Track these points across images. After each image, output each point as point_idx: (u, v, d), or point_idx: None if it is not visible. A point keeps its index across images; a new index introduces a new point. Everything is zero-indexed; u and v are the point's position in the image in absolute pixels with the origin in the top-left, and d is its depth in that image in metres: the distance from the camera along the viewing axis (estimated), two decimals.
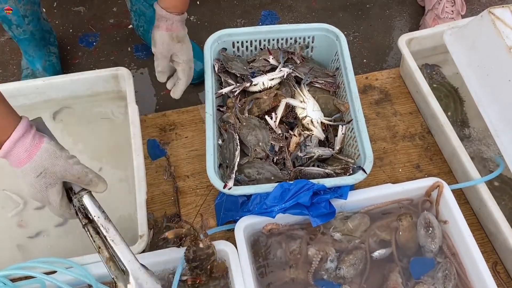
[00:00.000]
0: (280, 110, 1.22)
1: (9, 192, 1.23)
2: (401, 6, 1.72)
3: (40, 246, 1.16)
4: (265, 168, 1.16)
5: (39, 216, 1.20)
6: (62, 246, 1.16)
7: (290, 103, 1.23)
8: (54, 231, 1.18)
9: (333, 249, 1.10)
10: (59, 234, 1.18)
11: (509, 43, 1.11)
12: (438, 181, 1.12)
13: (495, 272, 1.18)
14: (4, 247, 1.16)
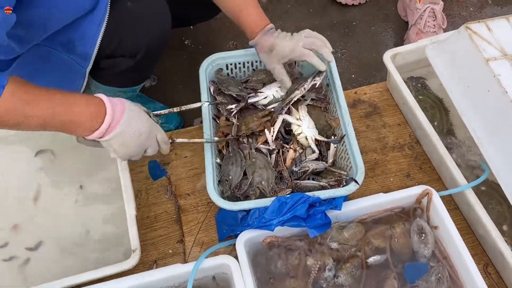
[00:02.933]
0: (277, 125, 1.28)
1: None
2: (385, 22, 1.80)
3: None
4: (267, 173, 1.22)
5: None
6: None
7: (286, 119, 1.29)
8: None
9: (331, 258, 1.15)
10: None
11: (486, 56, 1.18)
12: (427, 189, 1.18)
13: (486, 273, 1.23)
14: None
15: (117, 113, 0.94)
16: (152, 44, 1.17)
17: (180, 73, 1.64)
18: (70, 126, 0.93)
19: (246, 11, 1.22)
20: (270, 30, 1.23)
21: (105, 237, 1.26)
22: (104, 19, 1.06)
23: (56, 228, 1.27)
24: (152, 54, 1.21)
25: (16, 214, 1.29)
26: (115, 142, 0.97)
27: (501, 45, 1.21)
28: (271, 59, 1.22)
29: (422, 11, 1.66)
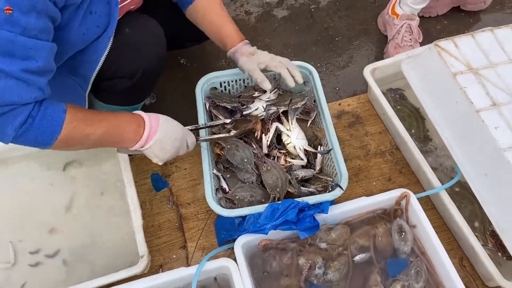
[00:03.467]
0: (271, 132, 1.41)
1: (11, 247, 1.34)
2: (366, 37, 1.93)
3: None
4: (257, 192, 1.34)
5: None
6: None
7: (279, 127, 1.41)
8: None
9: (320, 257, 1.27)
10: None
11: (454, 70, 1.31)
12: (405, 192, 1.31)
13: (461, 266, 1.36)
14: None
15: (154, 124, 1.14)
16: (149, 66, 1.28)
17: (177, 90, 1.75)
18: (119, 140, 1.11)
19: (226, 28, 1.37)
20: (248, 44, 1.38)
21: (113, 245, 1.37)
22: (107, 47, 1.17)
23: (72, 236, 1.38)
24: (150, 75, 1.32)
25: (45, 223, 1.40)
26: (155, 148, 1.16)
27: (467, 60, 1.34)
28: (251, 61, 1.34)
29: (400, 26, 1.79)
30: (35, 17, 0.89)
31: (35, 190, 1.45)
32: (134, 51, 1.24)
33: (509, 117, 1.26)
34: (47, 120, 0.96)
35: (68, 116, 0.99)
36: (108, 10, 1.11)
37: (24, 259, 1.34)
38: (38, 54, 0.92)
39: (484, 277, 1.32)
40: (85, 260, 1.34)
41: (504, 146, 1.21)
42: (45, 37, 0.94)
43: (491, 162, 1.24)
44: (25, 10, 0.86)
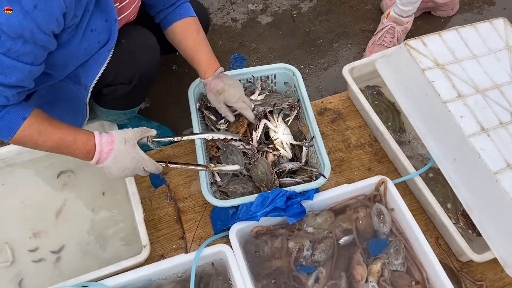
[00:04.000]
0: (261, 127, 1.53)
1: (8, 248, 1.44)
2: (345, 39, 2.07)
3: None
4: (248, 184, 1.46)
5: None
6: None
7: (267, 124, 1.54)
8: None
9: (308, 241, 1.39)
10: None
11: (422, 67, 1.44)
12: (383, 178, 1.44)
13: (437, 244, 1.49)
14: None
15: (104, 153, 1.20)
16: (144, 73, 1.40)
17: (170, 95, 1.87)
18: (72, 156, 1.22)
19: (199, 56, 1.45)
20: (220, 74, 1.47)
21: (117, 239, 1.49)
22: (107, 59, 1.28)
23: (76, 233, 1.49)
24: (146, 80, 1.44)
25: (42, 224, 1.50)
26: (105, 170, 1.24)
27: (435, 56, 1.48)
28: (218, 100, 1.48)
29: (384, 25, 1.93)
30: (21, 43, 1.01)
31: (41, 192, 1.56)
32: (131, 59, 1.35)
33: (473, 107, 1.40)
34: (5, 122, 1.11)
35: (25, 123, 1.13)
36: (108, 27, 1.23)
37: (32, 255, 1.45)
38: (12, 73, 1.05)
39: (457, 252, 1.45)
40: (91, 254, 1.45)
41: (469, 133, 1.35)
42: (26, 60, 1.06)
43: (458, 148, 1.38)
44: (13, 36, 0.99)
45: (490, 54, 1.55)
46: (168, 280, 1.34)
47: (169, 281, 1.34)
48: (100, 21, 1.21)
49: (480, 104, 1.42)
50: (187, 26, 1.45)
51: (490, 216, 1.32)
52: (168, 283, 1.34)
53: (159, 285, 1.34)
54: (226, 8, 2.16)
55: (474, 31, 1.58)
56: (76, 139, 1.18)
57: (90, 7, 1.15)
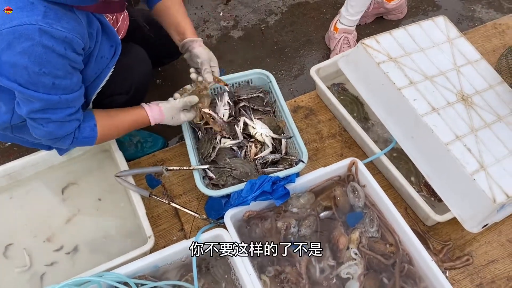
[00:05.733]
0: (241, 124, 1.73)
1: (26, 253, 1.57)
2: (310, 46, 2.30)
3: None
4: (246, 166, 1.64)
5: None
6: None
7: (246, 121, 1.73)
8: None
9: (294, 220, 1.57)
10: None
11: (377, 61, 1.67)
12: (353, 159, 1.64)
13: (407, 213, 1.70)
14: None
15: (156, 115, 1.54)
16: (139, 83, 1.58)
17: None
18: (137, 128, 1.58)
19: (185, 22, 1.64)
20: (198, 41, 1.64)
21: (123, 236, 1.64)
22: (108, 75, 1.45)
23: (84, 235, 1.63)
24: (141, 90, 1.61)
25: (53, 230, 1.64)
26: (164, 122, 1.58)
27: (387, 51, 1.72)
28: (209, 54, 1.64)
29: (338, 39, 2.17)
30: (69, 79, 1.24)
31: (48, 202, 1.71)
32: (128, 73, 1.53)
33: (423, 91, 1.63)
34: (85, 136, 1.40)
35: (98, 128, 1.41)
36: (113, 52, 1.42)
37: (45, 258, 1.58)
38: (74, 103, 1.31)
39: (423, 218, 1.66)
40: (100, 250, 1.59)
41: (422, 113, 1.57)
42: (77, 87, 1.30)
43: (414, 126, 1.60)
44: (62, 75, 1.21)
45: (434, 47, 1.80)
46: (173, 266, 1.49)
47: (174, 266, 1.50)
48: (107, 48, 1.40)
49: (429, 88, 1.65)
50: (171, 4, 1.63)
51: (446, 181, 1.54)
52: (173, 268, 1.50)
53: (165, 271, 1.49)
54: (201, 26, 2.36)
55: (419, 28, 1.83)
56: (137, 118, 1.52)
57: (98, 37, 1.34)
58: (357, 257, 1.49)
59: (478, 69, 1.80)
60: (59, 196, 1.72)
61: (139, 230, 1.60)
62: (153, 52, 1.66)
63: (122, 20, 1.59)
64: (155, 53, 1.68)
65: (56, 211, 1.68)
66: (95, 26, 1.31)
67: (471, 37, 2.21)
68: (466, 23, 2.42)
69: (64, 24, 1.14)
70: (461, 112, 1.63)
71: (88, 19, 1.28)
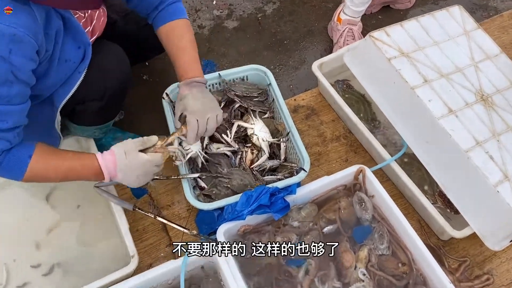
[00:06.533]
0: (233, 129, 1.55)
1: (4, 269, 1.42)
2: (311, 38, 2.12)
3: None
4: (245, 177, 1.47)
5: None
6: None
7: (241, 124, 1.55)
8: None
9: (294, 234, 1.40)
10: None
11: (388, 56, 1.50)
12: (360, 167, 1.48)
13: (420, 226, 1.54)
14: None
15: (112, 171, 1.24)
16: (116, 86, 1.38)
17: (143, 105, 1.86)
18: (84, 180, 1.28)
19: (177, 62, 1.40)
20: (192, 83, 1.37)
21: (103, 253, 1.47)
22: (79, 80, 1.26)
23: (65, 248, 1.47)
24: (118, 94, 1.42)
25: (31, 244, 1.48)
26: (122, 182, 1.28)
27: (399, 45, 1.54)
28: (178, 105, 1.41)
29: (342, 31, 1.99)
30: (7, 87, 1.03)
31: (23, 212, 1.54)
32: (101, 75, 1.34)
33: (439, 91, 1.46)
34: (13, 164, 1.14)
35: (32, 161, 1.15)
36: (82, 55, 1.23)
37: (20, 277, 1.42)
38: (8, 117, 1.08)
39: (438, 231, 1.50)
40: (79, 270, 1.43)
41: (438, 115, 1.40)
42: (17, 101, 1.08)
43: (429, 130, 1.43)
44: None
45: (449, 40, 1.62)
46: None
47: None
48: (72, 50, 1.21)
49: (445, 87, 1.49)
50: (170, 32, 1.41)
51: (466, 192, 1.38)
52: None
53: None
54: (192, 15, 2.17)
55: (433, 19, 1.66)
56: (83, 166, 1.22)
57: (59, 38, 1.15)
58: (365, 278, 1.33)
59: (498, 64, 1.63)
60: (40, 206, 1.55)
61: (123, 245, 1.43)
62: (135, 47, 1.48)
63: (98, 18, 1.39)
64: (139, 46, 1.50)
65: (36, 222, 1.52)
66: (55, 25, 1.12)
67: (486, 29, 2.01)
68: (479, 13, 2.24)
69: (12, 19, 0.95)
70: (481, 114, 1.46)
71: (48, 16, 1.09)
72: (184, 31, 1.42)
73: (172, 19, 1.41)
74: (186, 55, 1.41)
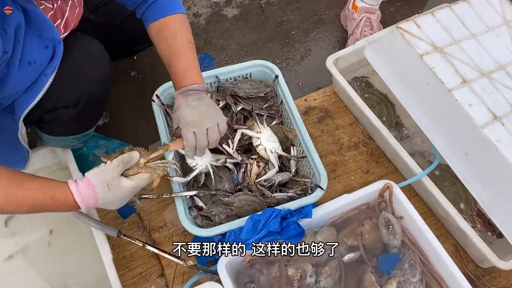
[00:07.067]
0: (236, 138, 1.31)
1: None
2: (322, 27, 1.87)
3: None
4: (253, 201, 1.24)
5: None
6: None
7: (245, 133, 1.32)
8: None
9: (310, 265, 1.19)
10: None
11: (420, 52, 1.27)
12: (387, 183, 1.25)
13: (456, 251, 1.32)
14: None
15: (91, 202, 1.01)
16: (93, 90, 1.14)
17: (131, 106, 1.63)
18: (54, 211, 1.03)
19: (172, 68, 1.18)
20: (187, 91, 1.15)
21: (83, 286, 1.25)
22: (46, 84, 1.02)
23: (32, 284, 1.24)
24: (96, 98, 1.17)
25: None
26: (105, 207, 1.07)
27: (431, 39, 1.31)
28: (174, 117, 1.18)
29: (359, 20, 1.74)
30: None
31: None
32: (74, 77, 1.09)
33: (480, 93, 1.24)
34: None
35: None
36: (50, 54, 0.99)
37: None
38: None
39: (477, 259, 1.29)
40: None
41: (481, 123, 1.18)
42: None
43: (470, 140, 1.21)
44: None
45: (488, 32, 1.39)
46: None
47: None
48: (38, 49, 0.97)
49: (487, 89, 1.26)
50: (162, 31, 1.17)
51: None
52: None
53: None
54: (186, 2, 1.92)
55: (469, 7, 1.42)
56: (53, 199, 0.99)
57: (20, 36, 0.92)
58: None
59: None
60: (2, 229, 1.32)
61: (105, 278, 1.20)
62: (119, 40, 1.23)
63: (71, 8, 1.12)
64: (121, 41, 1.25)
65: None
66: (15, 19, 0.89)
67: None
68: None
69: None
70: None
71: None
72: (179, 28, 1.17)
73: (165, 15, 1.16)
74: (182, 59, 1.17)
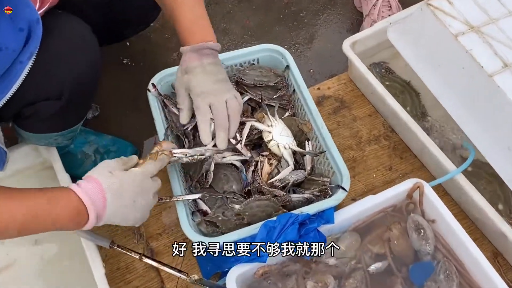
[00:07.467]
0: (245, 132, 1.15)
1: None
2: (334, 9, 1.72)
3: None
4: (267, 206, 1.08)
5: None
6: None
7: (255, 126, 1.16)
8: None
9: (331, 277, 1.04)
10: None
11: (454, 31, 1.11)
12: (418, 182, 1.10)
13: (494, 259, 1.18)
14: None
15: (98, 200, 0.84)
16: (79, 79, 0.98)
17: (124, 97, 1.48)
18: (57, 230, 0.84)
19: (179, 15, 1.02)
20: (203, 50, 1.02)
21: None
22: (22, 73, 0.85)
23: None
24: (82, 89, 1.01)
25: None
26: (114, 221, 0.90)
27: (465, 17, 1.15)
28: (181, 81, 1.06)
29: (375, 0, 1.58)
30: None
31: None
32: (56, 65, 0.93)
33: None
34: None
35: None
36: (24, 37, 0.82)
37: None
38: None
39: None
40: None
41: None
42: None
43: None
44: None
45: None
46: None
47: None
48: (9, 34, 0.80)
49: None
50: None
51: None
52: None
53: None
54: None
55: None
56: (50, 200, 0.81)
57: None
58: None
59: None
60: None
61: None
62: (108, 21, 1.06)
63: None
64: (111, 23, 1.08)
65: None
66: None
67: None
68: None
69: None
70: None
71: None
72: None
73: None
74: (191, 10, 1.02)
